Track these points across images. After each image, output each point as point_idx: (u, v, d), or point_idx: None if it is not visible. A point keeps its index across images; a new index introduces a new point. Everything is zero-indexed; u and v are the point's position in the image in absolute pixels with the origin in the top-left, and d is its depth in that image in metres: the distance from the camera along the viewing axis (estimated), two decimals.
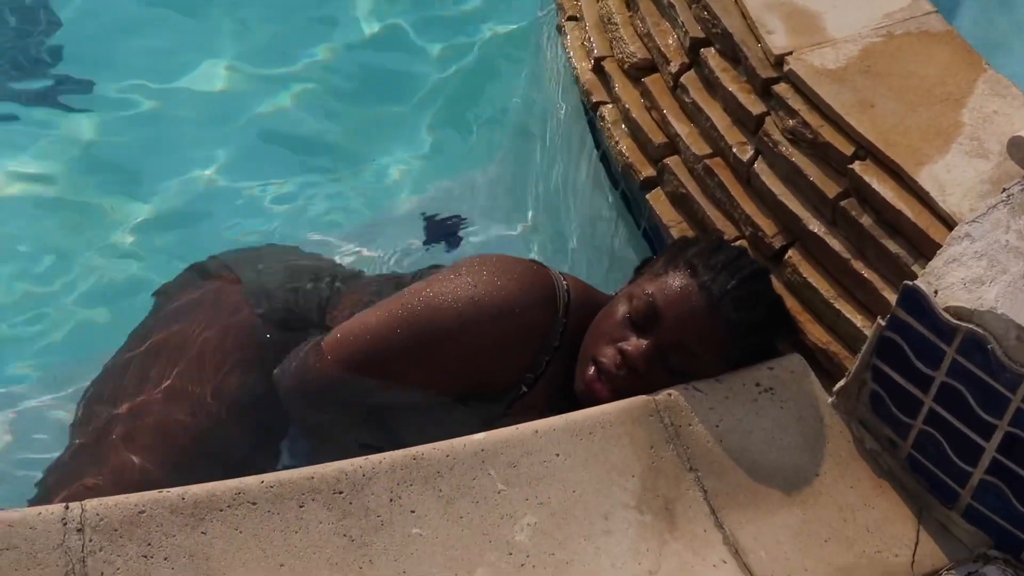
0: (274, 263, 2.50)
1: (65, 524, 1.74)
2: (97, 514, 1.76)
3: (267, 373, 2.28)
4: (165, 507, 1.78)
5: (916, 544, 1.94)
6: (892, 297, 1.97)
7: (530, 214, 3.02)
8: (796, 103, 2.22)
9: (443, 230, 3.06)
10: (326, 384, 2.18)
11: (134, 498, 1.78)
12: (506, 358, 2.19)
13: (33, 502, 2.21)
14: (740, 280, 2.12)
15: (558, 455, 1.94)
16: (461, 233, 3.03)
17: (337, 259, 2.77)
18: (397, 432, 2.20)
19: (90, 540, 1.73)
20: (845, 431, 2.07)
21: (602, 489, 1.92)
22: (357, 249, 2.94)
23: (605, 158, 2.76)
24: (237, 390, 2.29)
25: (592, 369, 2.14)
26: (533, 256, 2.64)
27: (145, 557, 1.73)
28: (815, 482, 2.00)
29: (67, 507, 1.76)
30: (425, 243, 3.01)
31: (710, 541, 1.90)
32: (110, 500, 1.78)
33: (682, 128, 2.49)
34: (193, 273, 2.54)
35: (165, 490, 1.80)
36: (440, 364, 2.16)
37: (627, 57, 2.68)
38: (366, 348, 2.16)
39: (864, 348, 1.98)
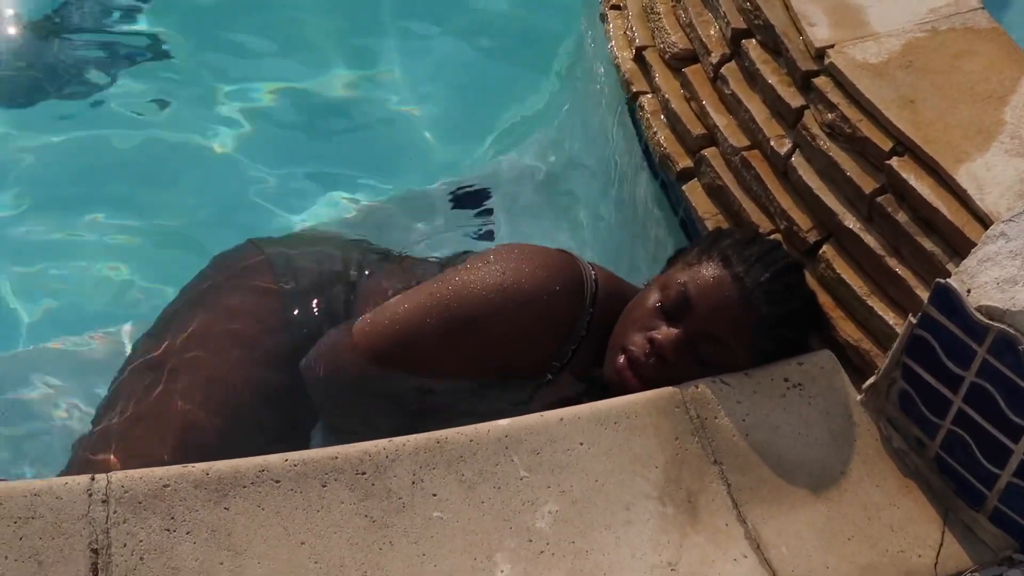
0: (305, 248, 2.51)
1: (90, 495, 1.76)
2: (122, 486, 1.77)
3: (296, 361, 2.29)
4: (189, 482, 1.80)
5: (940, 545, 1.92)
6: (925, 295, 1.94)
7: (565, 202, 3.02)
8: (836, 97, 2.20)
9: (471, 199, 3.06)
10: (354, 374, 2.20)
11: (159, 472, 1.80)
12: (533, 346, 2.20)
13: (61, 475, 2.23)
14: (773, 273, 2.11)
15: (582, 444, 1.94)
16: (488, 204, 3.03)
17: (368, 241, 2.77)
18: (423, 425, 2.21)
19: (114, 512, 1.75)
20: (873, 429, 2.05)
21: (625, 479, 1.92)
22: (388, 231, 2.95)
23: (643, 148, 2.75)
24: (265, 378, 2.30)
25: (622, 358, 2.14)
26: (565, 245, 2.62)
27: (168, 530, 1.75)
28: (840, 479, 1.99)
29: (93, 478, 1.78)
30: (453, 207, 3.01)
31: (732, 535, 1.89)
32: (135, 473, 1.80)
33: (721, 120, 2.47)
34: (227, 256, 2.56)
35: (190, 465, 1.82)
36: (468, 352, 2.17)
37: (668, 47, 2.67)
38: (396, 337, 2.18)
39: (895, 346, 1.96)
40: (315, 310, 2.34)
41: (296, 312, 2.34)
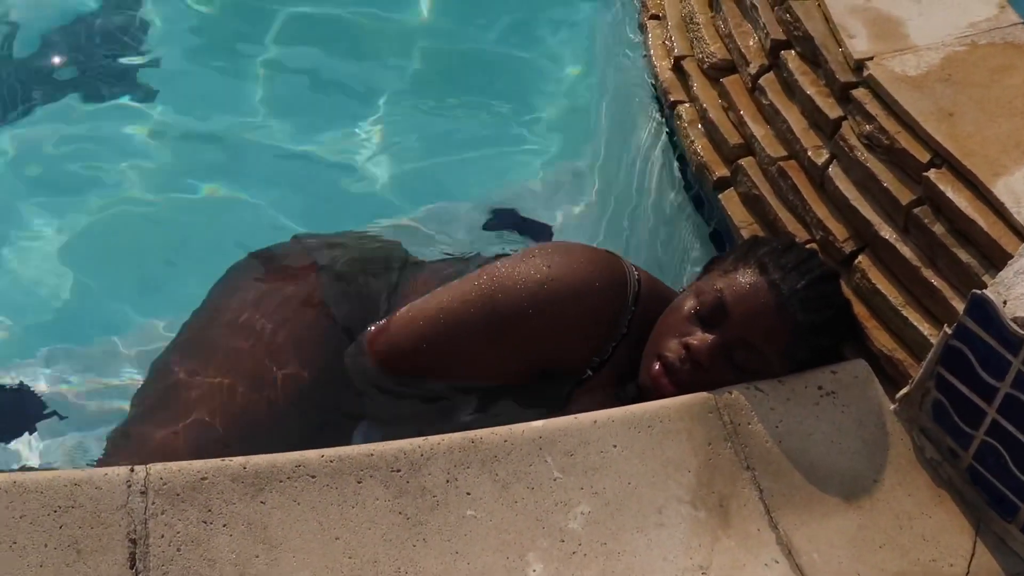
0: (348, 249, 2.54)
1: (130, 486, 1.79)
2: (161, 478, 1.80)
3: (338, 357, 2.32)
4: (227, 475, 1.82)
5: (972, 556, 1.92)
6: (961, 306, 1.95)
7: (601, 210, 3.03)
8: (874, 108, 2.21)
9: (510, 219, 3.08)
10: (399, 362, 2.23)
11: (198, 464, 1.83)
12: (574, 340, 2.22)
13: (98, 463, 2.26)
14: (809, 281, 2.12)
15: (615, 446, 1.95)
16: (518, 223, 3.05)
17: (408, 247, 2.79)
18: (463, 424, 2.23)
19: (153, 503, 1.78)
20: (906, 439, 2.06)
21: (657, 482, 1.93)
22: (427, 238, 2.97)
23: (679, 157, 2.76)
24: (307, 375, 2.32)
25: (657, 364, 2.15)
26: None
27: (205, 523, 1.78)
28: (873, 488, 1.99)
29: (132, 470, 1.81)
30: (485, 227, 3.03)
31: (763, 540, 1.89)
32: (174, 465, 1.82)
33: (758, 129, 2.48)
34: (270, 251, 2.59)
35: (228, 458, 1.84)
36: (509, 344, 2.20)
37: (707, 57, 2.68)
38: (439, 327, 2.21)
39: (929, 356, 1.97)
40: (357, 305, 2.36)
41: (338, 308, 2.36)
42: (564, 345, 2.22)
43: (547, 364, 2.24)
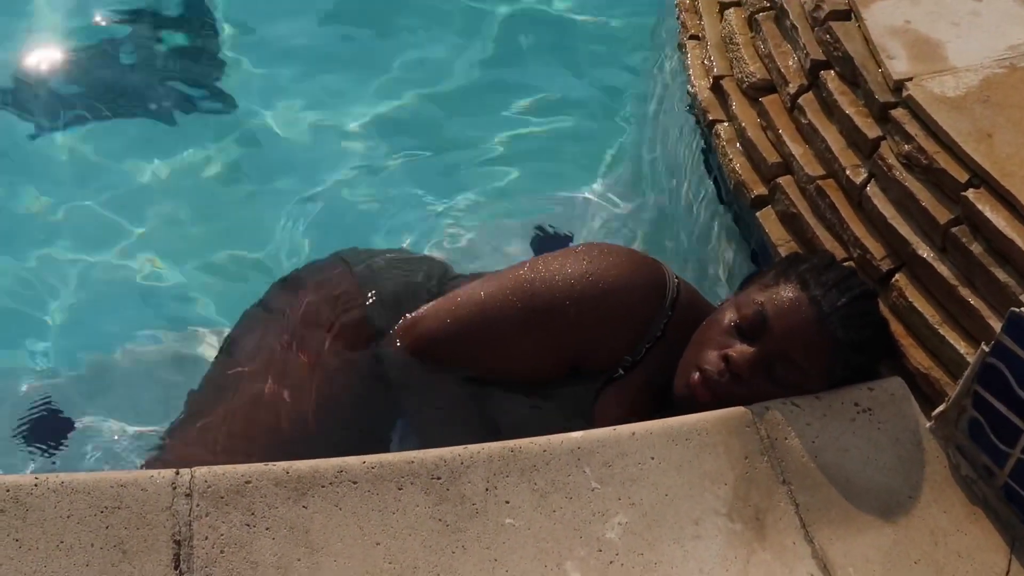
0: (388, 263, 2.57)
1: (175, 488, 1.82)
2: (206, 481, 1.83)
3: (374, 366, 2.34)
4: (270, 479, 1.85)
5: (1007, 573, 1.93)
6: (997, 325, 1.96)
7: (635, 227, 3.06)
8: (913, 128, 2.23)
9: (553, 244, 3.10)
10: (433, 348, 2.29)
11: (242, 468, 1.86)
12: (608, 337, 2.26)
13: (146, 466, 2.30)
14: (850, 298, 2.13)
15: (653, 458, 1.97)
16: None
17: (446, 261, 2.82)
18: (495, 414, 2.26)
19: (197, 505, 1.81)
20: (941, 456, 2.07)
21: (694, 495, 1.95)
22: (466, 255, 3.00)
23: (718, 176, 2.78)
24: (345, 382, 2.35)
25: (696, 375, 2.17)
26: None
27: (248, 526, 1.80)
28: (908, 504, 2.00)
29: (177, 472, 1.84)
30: (532, 244, 3.06)
31: (799, 554, 1.91)
32: (219, 469, 1.85)
33: (796, 149, 2.50)
34: (312, 266, 2.63)
35: (271, 463, 1.87)
36: (545, 335, 2.24)
37: (746, 76, 2.71)
38: (476, 314, 2.26)
39: (966, 374, 1.98)
40: (395, 316, 2.39)
41: (378, 318, 2.39)
42: (598, 341, 2.25)
43: (580, 359, 2.27)
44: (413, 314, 2.34)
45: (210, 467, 1.86)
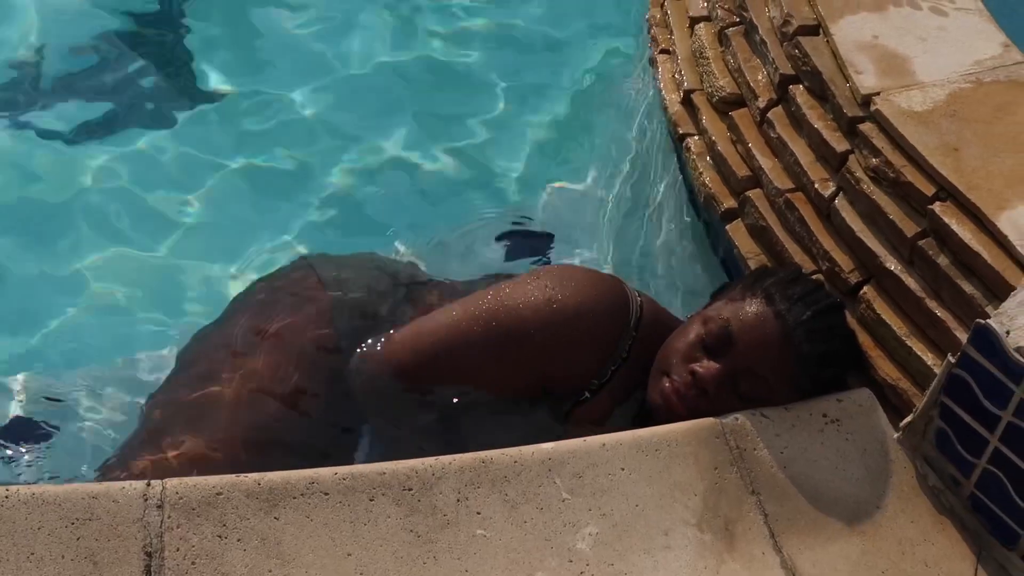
0: (355, 268, 2.57)
1: (146, 500, 1.82)
2: (177, 492, 1.83)
3: (340, 372, 2.35)
4: (242, 491, 1.85)
5: None
6: (964, 337, 1.98)
7: (607, 238, 3.07)
8: (880, 142, 2.25)
9: (529, 247, 3.11)
10: (392, 382, 2.27)
11: (213, 480, 1.86)
12: (574, 362, 2.25)
13: (104, 471, 2.27)
14: (815, 312, 2.15)
15: (623, 469, 1.98)
16: (549, 256, 3.08)
17: (416, 264, 2.82)
18: (464, 438, 2.26)
19: (168, 517, 1.81)
20: (909, 467, 2.09)
21: (664, 505, 1.96)
22: (438, 256, 3.00)
23: (687, 188, 2.80)
24: (311, 389, 2.35)
25: (667, 382, 2.18)
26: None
27: (219, 537, 1.80)
28: (876, 514, 2.02)
29: (149, 484, 1.84)
30: (507, 259, 3.06)
31: (768, 564, 1.92)
32: (190, 480, 1.85)
33: (766, 162, 2.53)
34: (279, 271, 2.63)
35: (243, 475, 1.87)
36: (512, 362, 2.23)
37: (716, 91, 2.73)
38: (442, 344, 2.24)
39: (933, 384, 2.00)
40: (362, 324, 2.39)
41: (343, 322, 2.39)
42: (565, 365, 2.25)
43: (549, 382, 2.27)
44: (383, 338, 2.33)
45: (181, 479, 1.86)
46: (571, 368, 2.26)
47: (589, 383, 2.27)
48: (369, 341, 2.34)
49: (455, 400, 2.27)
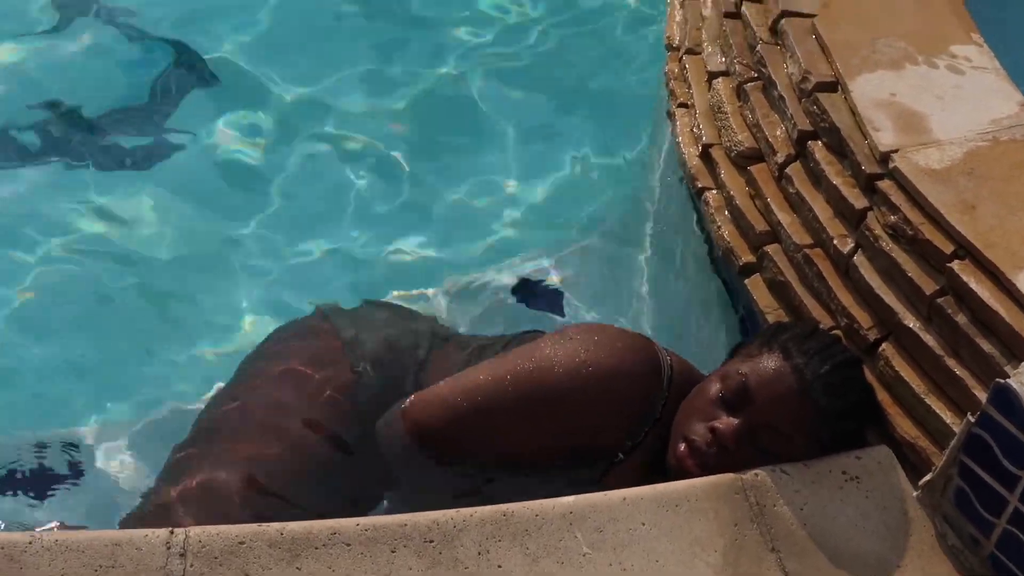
0: (373, 322, 2.57)
1: (169, 548, 1.83)
2: (200, 541, 1.84)
3: (359, 432, 2.35)
4: (264, 540, 1.86)
5: None
6: (983, 396, 1.99)
7: (628, 293, 3.08)
8: (899, 200, 2.27)
9: (544, 303, 3.12)
10: (432, 437, 2.26)
11: (235, 529, 1.87)
12: (608, 424, 2.26)
13: (132, 520, 2.28)
14: (833, 366, 2.16)
15: (644, 524, 1.99)
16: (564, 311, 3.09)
17: (435, 318, 2.84)
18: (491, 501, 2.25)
19: (191, 565, 1.81)
20: (928, 525, 2.09)
21: (684, 561, 1.96)
22: (455, 309, 3.02)
23: (707, 243, 2.82)
24: (334, 453, 2.35)
25: (683, 445, 2.18)
26: None
27: None
28: (895, 573, 2.01)
29: (172, 532, 1.85)
30: (524, 309, 3.07)
31: None
32: (213, 529, 1.86)
33: (784, 217, 2.54)
34: (296, 324, 2.63)
35: (265, 524, 1.88)
36: (544, 425, 2.24)
37: (735, 145, 2.75)
38: (473, 408, 2.23)
39: (952, 443, 2.00)
40: (384, 381, 2.39)
41: (365, 385, 2.39)
42: (598, 428, 2.25)
43: (581, 445, 2.27)
44: (409, 400, 2.31)
45: (204, 527, 1.87)
46: (605, 431, 2.26)
47: (623, 444, 2.27)
48: (396, 405, 2.33)
49: (483, 466, 2.27)
